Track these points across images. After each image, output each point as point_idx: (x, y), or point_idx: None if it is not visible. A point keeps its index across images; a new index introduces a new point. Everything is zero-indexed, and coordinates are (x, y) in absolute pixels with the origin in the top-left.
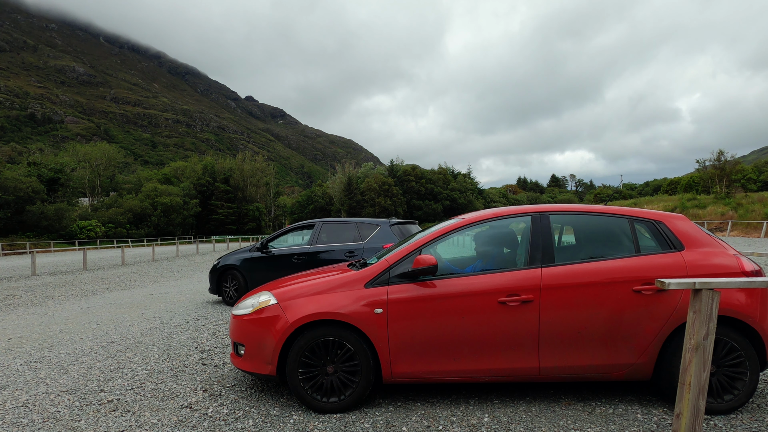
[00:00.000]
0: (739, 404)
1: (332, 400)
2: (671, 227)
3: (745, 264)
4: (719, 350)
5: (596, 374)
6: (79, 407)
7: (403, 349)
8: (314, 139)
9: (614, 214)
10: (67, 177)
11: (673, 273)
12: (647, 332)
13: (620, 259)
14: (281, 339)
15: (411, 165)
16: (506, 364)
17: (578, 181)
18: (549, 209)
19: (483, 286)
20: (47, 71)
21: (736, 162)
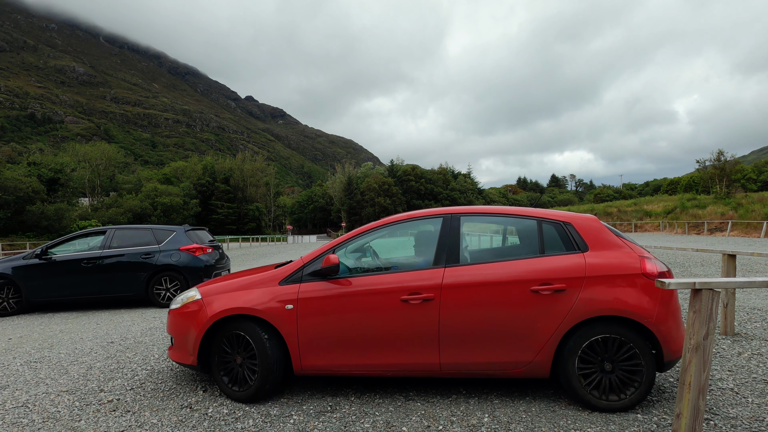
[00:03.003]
0: (634, 402)
1: (242, 389)
2: (578, 229)
3: (648, 266)
4: (616, 349)
5: (496, 371)
6: (79, 407)
7: (312, 343)
8: (314, 139)
9: (523, 215)
10: (67, 177)
11: (571, 274)
12: (544, 331)
13: (522, 260)
14: (201, 331)
15: (411, 165)
16: (409, 359)
17: (578, 181)
18: (460, 211)
19: (388, 284)
20: (47, 71)
21: (736, 162)
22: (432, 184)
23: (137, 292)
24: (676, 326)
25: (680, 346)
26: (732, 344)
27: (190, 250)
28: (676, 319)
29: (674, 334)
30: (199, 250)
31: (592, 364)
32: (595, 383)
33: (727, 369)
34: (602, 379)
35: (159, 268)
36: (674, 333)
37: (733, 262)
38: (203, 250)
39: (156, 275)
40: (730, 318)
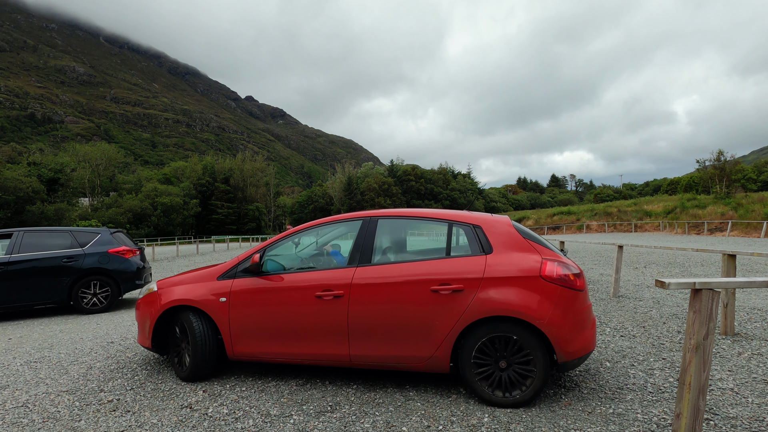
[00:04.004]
0: (527, 400)
1: (183, 370)
2: (486, 231)
3: (548, 269)
4: (510, 348)
5: (401, 364)
6: (79, 407)
7: (242, 332)
8: (314, 139)
9: (436, 218)
10: (67, 177)
11: (469, 275)
12: (442, 329)
13: (427, 261)
14: (154, 319)
15: (411, 165)
16: (323, 350)
17: (578, 181)
18: (378, 214)
19: (306, 281)
20: (47, 71)
21: (736, 162)
22: (432, 184)
23: (58, 299)
24: (573, 329)
25: (577, 348)
26: (732, 344)
27: (120, 252)
28: (574, 321)
29: (569, 337)
30: (129, 253)
31: (488, 361)
32: (490, 379)
33: (727, 369)
34: (497, 375)
35: (84, 272)
36: (568, 335)
37: (733, 262)
38: (133, 252)
39: (81, 280)
40: (730, 318)
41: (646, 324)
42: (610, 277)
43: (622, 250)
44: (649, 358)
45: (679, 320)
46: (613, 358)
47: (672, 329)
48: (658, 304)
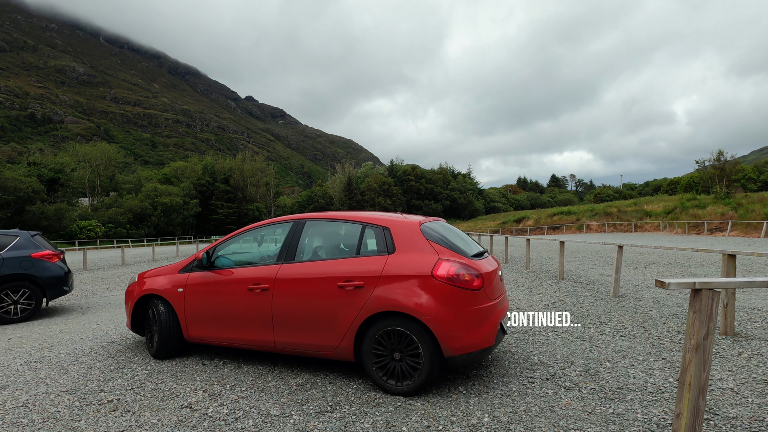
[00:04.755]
0: (415, 388)
1: (152, 348)
2: (393, 233)
3: (441, 269)
4: (402, 341)
5: (315, 351)
6: (79, 407)
7: (194, 318)
8: (314, 139)
9: (353, 220)
10: (67, 177)
11: (370, 273)
12: (345, 321)
13: (339, 260)
14: (131, 305)
15: (411, 165)
16: (255, 336)
17: (578, 181)
18: (306, 217)
19: (242, 275)
20: (47, 71)
21: (736, 162)
22: (432, 184)
23: None
24: (459, 325)
25: (463, 345)
26: (732, 344)
27: (45, 256)
28: (463, 319)
29: (454, 333)
30: (54, 257)
31: (384, 352)
32: (386, 369)
33: (727, 369)
34: (392, 365)
35: (3, 278)
36: (454, 332)
37: (733, 262)
38: (57, 256)
39: None
40: (730, 318)
41: (646, 324)
42: (610, 277)
43: (622, 250)
44: (649, 358)
45: (679, 320)
46: (613, 358)
47: (672, 329)
48: (658, 304)
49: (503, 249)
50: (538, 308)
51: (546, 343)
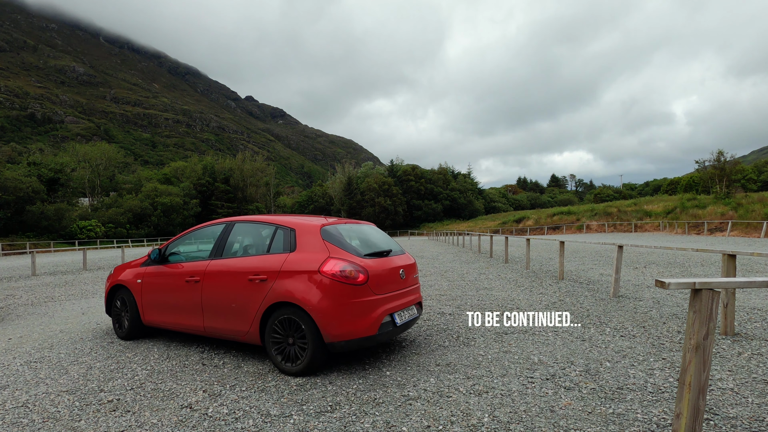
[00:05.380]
0: (303, 368)
1: (122, 332)
2: (297, 234)
3: (327, 266)
4: (294, 328)
5: (232, 336)
6: (79, 407)
7: (149, 305)
8: (314, 139)
9: (269, 222)
10: (67, 177)
11: (272, 268)
12: (252, 310)
13: (253, 257)
14: (106, 293)
15: (411, 165)
16: (190, 322)
17: (578, 181)
18: (235, 219)
19: (182, 269)
20: (47, 71)
21: (736, 162)
22: (432, 184)
23: None
24: (338, 316)
25: (341, 333)
26: (732, 344)
27: None
28: (340, 310)
29: (332, 322)
30: None
31: (281, 338)
32: (283, 352)
33: (727, 369)
34: (287, 349)
35: None
36: (334, 321)
37: (733, 262)
38: None
39: None
40: (730, 318)
41: (646, 324)
42: (610, 277)
43: (622, 250)
44: (649, 358)
45: (679, 320)
46: (613, 358)
47: (672, 329)
48: (658, 304)
49: (503, 249)
50: (538, 308)
51: (546, 343)
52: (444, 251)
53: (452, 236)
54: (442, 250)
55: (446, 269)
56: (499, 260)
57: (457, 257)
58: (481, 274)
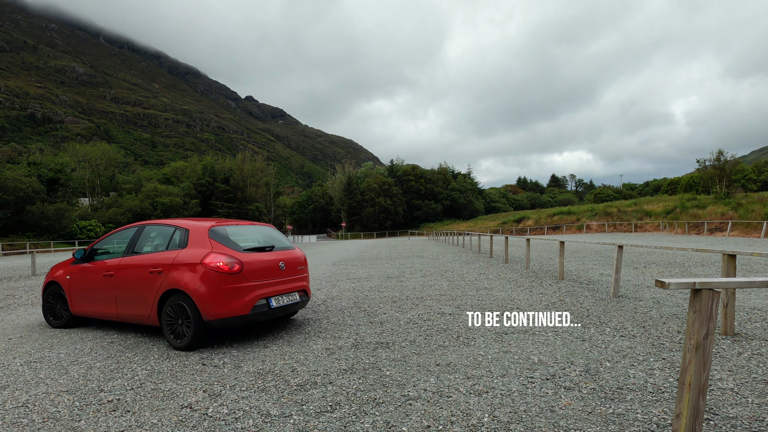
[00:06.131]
0: (188, 343)
1: (58, 323)
2: (190, 234)
3: (208, 259)
4: (182, 310)
5: (138, 320)
6: (79, 407)
7: (75, 298)
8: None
9: (170, 224)
10: (67, 177)
11: (167, 262)
12: (151, 296)
13: (154, 253)
14: (42, 290)
15: (411, 165)
16: (107, 310)
17: (578, 181)
18: (146, 223)
19: (102, 265)
20: (47, 71)
21: (736, 162)
22: (432, 184)
23: None
24: (213, 299)
25: (216, 312)
26: (732, 344)
27: None
28: (215, 294)
29: (210, 304)
30: None
31: (173, 319)
32: (174, 331)
33: (727, 369)
34: (178, 328)
35: None
36: (210, 303)
37: (733, 262)
38: None
39: None
40: (730, 318)
41: (646, 324)
42: (610, 277)
43: (622, 250)
44: (649, 358)
45: (679, 320)
46: (613, 358)
47: (672, 329)
48: (658, 304)
49: (503, 249)
50: (538, 308)
51: (546, 343)
52: (444, 251)
53: (452, 236)
54: (442, 250)
55: (446, 269)
56: (499, 260)
57: (457, 257)
58: (481, 274)
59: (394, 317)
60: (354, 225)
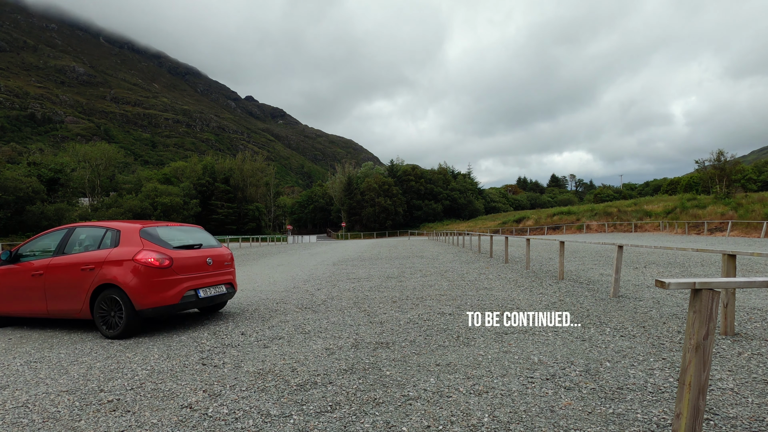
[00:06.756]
0: (121, 332)
1: None
2: (121, 234)
3: (140, 256)
4: (114, 302)
5: (71, 315)
6: (79, 407)
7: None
8: (314, 139)
9: (100, 226)
10: (67, 177)
11: (99, 260)
12: (83, 292)
13: (86, 252)
14: None
15: (411, 165)
16: (37, 308)
17: (578, 181)
18: (76, 225)
19: (30, 265)
20: (47, 71)
21: (736, 162)
22: (432, 183)
23: None
24: (145, 291)
25: (148, 302)
26: (732, 344)
27: None
28: (146, 286)
29: (142, 295)
30: None
31: (106, 311)
32: (107, 322)
33: (727, 369)
34: (111, 319)
35: None
36: (142, 294)
37: (733, 262)
38: None
39: None
40: (730, 318)
41: (646, 324)
42: (610, 277)
43: (622, 250)
44: (649, 358)
45: (679, 320)
46: (613, 358)
47: (672, 329)
48: (658, 304)
49: (503, 249)
50: (538, 308)
51: (546, 343)
52: (444, 251)
53: (452, 236)
54: (442, 250)
55: (446, 269)
56: (499, 260)
57: (457, 257)
58: (481, 274)
59: (394, 317)
60: (354, 225)
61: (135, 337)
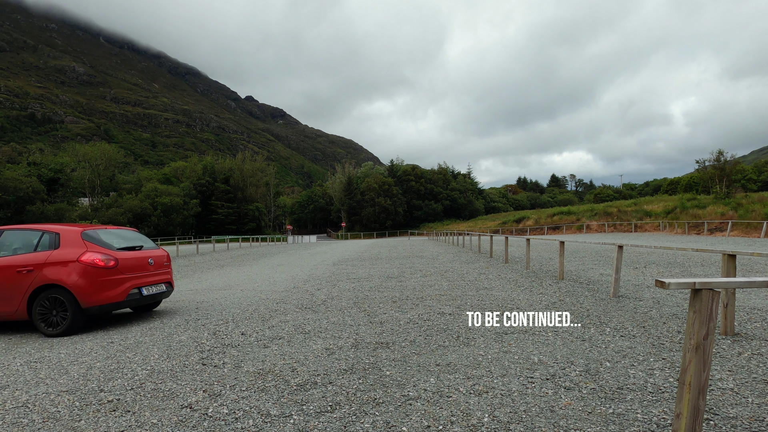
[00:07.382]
0: (64, 330)
1: None
2: (61, 236)
3: (84, 257)
4: (57, 301)
5: (5, 317)
6: (79, 407)
7: None
8: (314, 139)
9: (36, 229)
10: (67, 177)
11: (39, 262)
12: (20, 293)
13: (22, 255)
14: None
15: (411, 165)
16: None
17: (578, 181)
18: (6, 228)
19: None
20: (47, 71)
21: (736, 162)
22: (432, 184)
23: None
24: (91, 290)
25: (94, 300)
26: (732, 344)
27: None
28: (93, 285)
29: (88, 293)
30: None
31: (48, 310)
32: (48, 321)
33: (727, 369)
34: (52, 318)
35: None
36: (88, 292)
37: (733, 262)
38: None
39: None
40: (730, 318)
41: (646, 324)
42: (610, 277)
43: (622, 250)
44: (649, 358)
45: (679, 320)
46: (613, 358)
47: (672, 329)
48: (658, 304)
49: (503, 249)
50: (538, 308)
51: (546, 343)
52: (444, 251)
53: (452, 236)
54: (442, 250)
55: (446, 269)
56: (499, 260)
57: (457, 257)
58: (481, 274)
59: (394, 317)
60: (354, 225)
61: (135, 338)
